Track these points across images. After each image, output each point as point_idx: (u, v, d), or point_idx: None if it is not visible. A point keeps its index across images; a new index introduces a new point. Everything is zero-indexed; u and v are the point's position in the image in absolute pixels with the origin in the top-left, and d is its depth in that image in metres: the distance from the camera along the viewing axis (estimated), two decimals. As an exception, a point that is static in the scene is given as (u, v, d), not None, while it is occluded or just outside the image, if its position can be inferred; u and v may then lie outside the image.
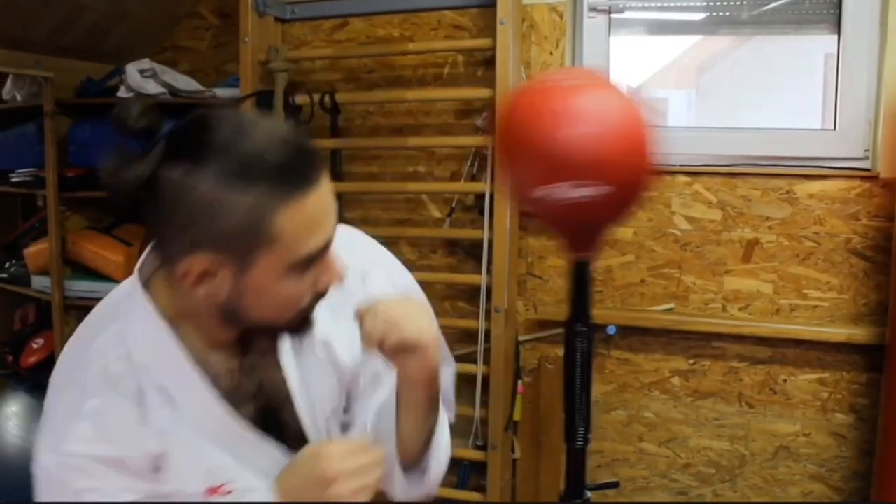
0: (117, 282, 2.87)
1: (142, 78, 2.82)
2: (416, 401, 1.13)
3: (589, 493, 1.36)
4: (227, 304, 0.98)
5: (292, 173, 0.92)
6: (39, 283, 3.08)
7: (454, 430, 2.50)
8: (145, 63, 2.86)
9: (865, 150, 2.49)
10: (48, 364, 3.04)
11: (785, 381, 2.57)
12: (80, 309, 3.02)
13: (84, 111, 2.98)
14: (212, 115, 0.95)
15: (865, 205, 2.45)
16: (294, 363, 1.13)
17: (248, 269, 0.94)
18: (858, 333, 2.43)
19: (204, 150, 0.90)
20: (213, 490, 1.05)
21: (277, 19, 2.87)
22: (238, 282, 0.95)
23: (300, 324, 1.05)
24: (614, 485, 1.53)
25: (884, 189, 2.41)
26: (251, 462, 1.09)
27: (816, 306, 2.52)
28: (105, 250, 2.94)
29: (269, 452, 1.10)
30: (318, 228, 0.96)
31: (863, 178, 2.45)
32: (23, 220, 3.47)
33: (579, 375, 1.41)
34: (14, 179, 3.20)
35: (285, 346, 1.12)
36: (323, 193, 0.96)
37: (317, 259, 0.98)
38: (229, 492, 1.06)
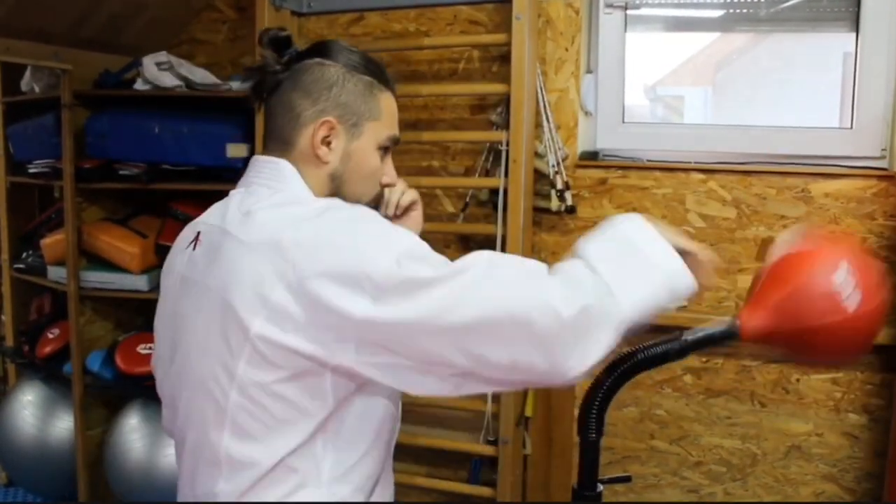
0: (132, 273, 2.90)
1: (158, 70, 2.83)
2: None
3: (601, 487, 1.35)
4: (334, 172, 1.24)
5: (387, 76, 1.29)
6: (55, 273, 3.10)
7: (467, 424, 2.50)
8: (162, 56, 2.88)
9: (882, 150, 2.48)
10: (63, 354, 3.07)
11: (798, 380, 2.56)
12: (95, 300, 3.05)
13: (101, 103, 3.00)
14: (338, 40, 1.30)
15: (882, 204, 2.43)
16: None
17: (357, 137, 1.25)
18: (873, 333, 2.41)
19: (332, 50, 1.26)
20: None
21: (294, 13, 2.87)
22: (348, 146, 1.24)
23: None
24: (626, 479, 1.53)
25: (900, 188, 2.39)
26: None
27: (831, 306, 2.50)
28: (121, 241, 2.96)
29: None
30: (396, 122, 1.31)
31: (879, 177, 2.44)
32: (39, 210, 3.50)
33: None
34: (31, 170, 3.23)
35: None
36: (396, 104, 1.31)
37: (389, 150, 1.31)
38: None
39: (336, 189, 1.24)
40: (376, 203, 1.34)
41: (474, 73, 2.79)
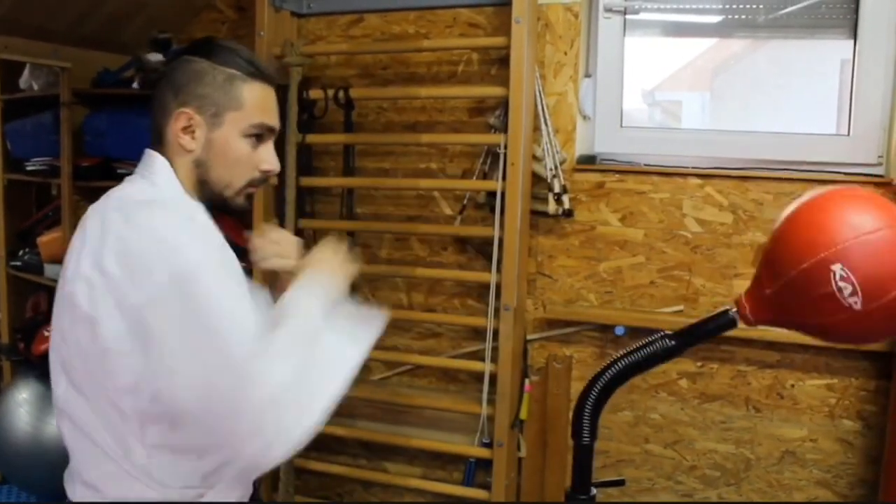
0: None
1: (158, 70, 2.83)
2: None
3: (594, 490, 1.36)
4: (199, 159, 1.32)
5: (256, 66, 1.35)
6: (52, 271, 3.10)
7: (462, 426, 2.50)
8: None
9: (879, 157, 2.49)
10: (59, 352, 3.06)
11: (793, 385, 2.56)
12: (92, 298, 3.04)
13: (100, 101, 3.00)
14: (214, 37, 1.41)
15: (878, 211, 2.44)
16: None
17: (218, 126, 1.32)
18: (868, 340, 2.42)
19: (202, 47, 1.35)
20: None
21: (293, 14, 2.88)
22: (209, 135, 1.32)
23: (246, 200, 1.38)
24: (620, 482, 1.53)
25: (897, 196, 2.40)
26: None
27: (826, 312, 2.51)
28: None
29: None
30: (270, 111, 1.37)
31: (876, 184, 2.45)
32: (37, 208, 3.49)
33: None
34: (29, 168, 3.23)
35: None
36: (273, 93, 1.39)
37: (263, 137, 1.36)
38: None
39: (203, 175, 1.34)
40: (257, 186, 1.39)
41: (473, 76, 2.80)
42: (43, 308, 3.41)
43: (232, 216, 1.52)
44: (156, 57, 1.38)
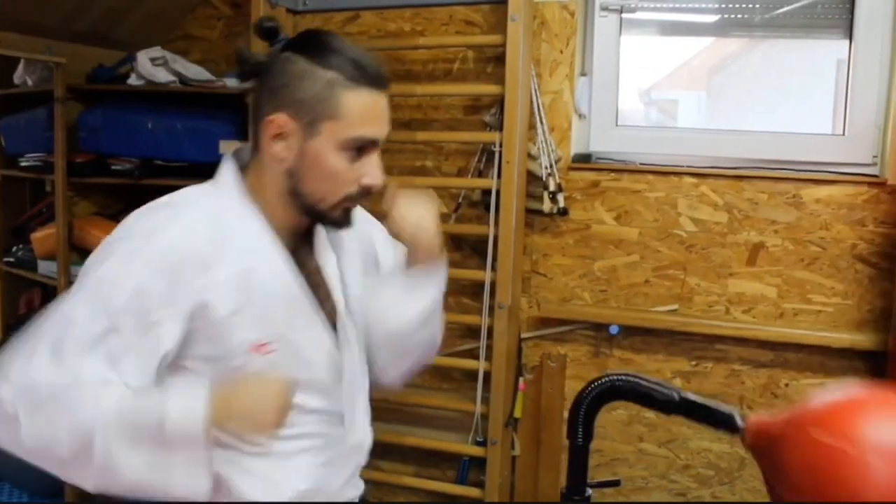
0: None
1: (153, 66, 2.83)
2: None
3: (590, 491, 1.36)
4: (291, 169, 1.21)
5: (362, 69, 1.19)
6: (45, 267, 3.09)
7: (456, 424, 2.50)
8: (157, 51, 2.87)
9: (874, 157, 2.49)
10: (53, 348, 3.05)
11: (787, 385, 2.57)
12: (86, 294, 3.03)
13: (95, 97, 2.99)
14: (320, 31, 1.27)
15: (872, 211, 2.44)
16: (332, 258, 1.36)
17: (313, 136, 1.19)
18: (862, 339, 2.43)
19: (307, 43, 1.22)
20: (258, 346, 1.20)
21: (289, 10, 2.87)
22: (303, 145, 1.20)
23: (343, 215, 1.26)
24: (615, 483, 1.53)
25: (891, 196, 2.40)
26: (302, 330, 1.26)
27: (820, 311, 2.52)
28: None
29: (315, 320, 1.28)
30: (374, 121, 1.22)
31: (870, 184, 2.45)
32: (31, 204, 3.49)
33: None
34: (23, 164, 3.22)
35: (324, 242, 1.35)
36: (383, 98, 1.23)
37: (366, 149, 1.22)
38: (270, 352, 1.21)
39: (295, 186, 1.23)
40: (355, 199, 1.26)
41: (469, 74, 2.80)
42: (36, 305, 3.40)
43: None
44: (260, 47, 1.27)
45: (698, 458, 2.68)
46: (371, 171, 1.23)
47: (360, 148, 1.21)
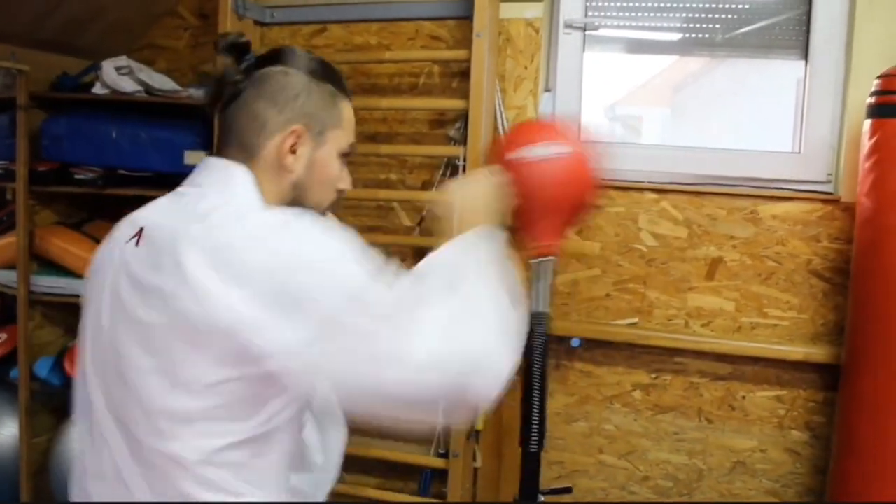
0: (85, 278, 2.87)
1: (118, 75, 2.81)
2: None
3: (542, 497, 1.38)
4: (299, 180, 1.25)
5: (345, 84, 1.31)
6: (5, 277, 3.05)
7: (418, 437, 2.50)
8: (122, 60, 2.86)
9: (828, 174, 2.55)
10: (11, 359, 3.02)
11: (744, 397, 2.61)
12: (46, 304, 3.00)
13: (59, 105, 2.96)
14: (296, 48, 1.31)
15: (826, 227, 2.50)
16: None
17: (322, 144, 1.26)
18: (816, 352, 2.48)
19: (294, 58, 1.27)
20: None
21: (256, 22, 2.88)
22: (313, 155, 1.26)
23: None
24: (567, 490, 1.56)
25: (844, 213, 2.46)
26: None
27: (776, 325, 2.57)
28: (73, 246, 2.92)
29: None
30: (354, 129, 1.33)
31: (825, 201, 2.51)
32: (-9, 212, 3.44)
33: (537, 389, 1.44)
34: (-16, 172, 3.18)
35: None
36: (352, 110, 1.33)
37: (348, 157, 1.32)
38: None
39: (298, 196, 1.26)
40: (332, 204, 1.35)
41: (434, 88, 2.82)
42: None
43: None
44: (227, 63, 1.28)
45: (657, 469, 2.72)
46: (346, 176, 1.34)
47: (346, 155, 1.32)
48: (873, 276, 2.17)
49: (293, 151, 1.24)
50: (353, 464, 2.88)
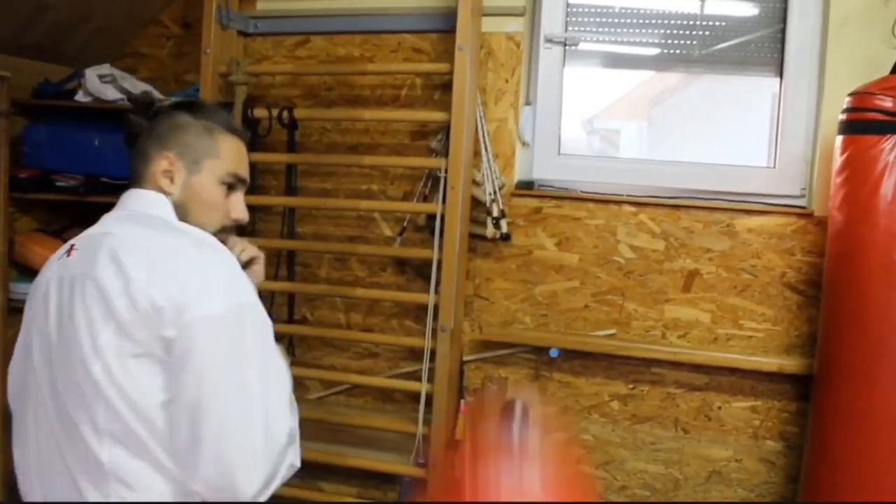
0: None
1: (101, 83, 2.82)
2: None
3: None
4: (178, 200, 1.41)
5: (232, 124, 1.50)
6: (-15, 283, 3.04)
7: (397, 446, 2.50)
8: (105, 68, 2.86)
9: (802, 189, 2.60)
10: (-11, 366, 2.99)
11: (719, 407, 2.65)
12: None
13: (41, 112, 2.96)
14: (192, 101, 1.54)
15: (800, 241, 2.55)
16: None
17: (197, 172, 1.43)
18: (789, 363, 2.52)
19: (184, 105, 1.47)
20: None
21: (240, 33, 2.90)
22: (189, 179, 1.42)
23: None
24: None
25: (817, 227, 2.51)
26: None
27: (751, 336, 2.61)
28: (53, 253, 2.91)
29: None
30: (242, 163, 1.49)
31: (798, 215, 2.56)
32: (-30, 219, 3.42)
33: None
34: (-36, 178, 3.16)
35: None
36: (244, 150, 1.51)
37: (236, 187, 1.47)
38: None
39: (182, 216, 1.41)
40: (227, 233, 1.50)
41: (416, 101, 2.85)
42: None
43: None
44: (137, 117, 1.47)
45: (634, 479, 2.75)
46: (239, 206, 1.49)
47: (231, 185, 1.46)
48: (844, 289, 2.21)
49: (168, 177, 1.41)
50: (332, 472, 2.89)
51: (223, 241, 1.46)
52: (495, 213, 2.66)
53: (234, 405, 1.21)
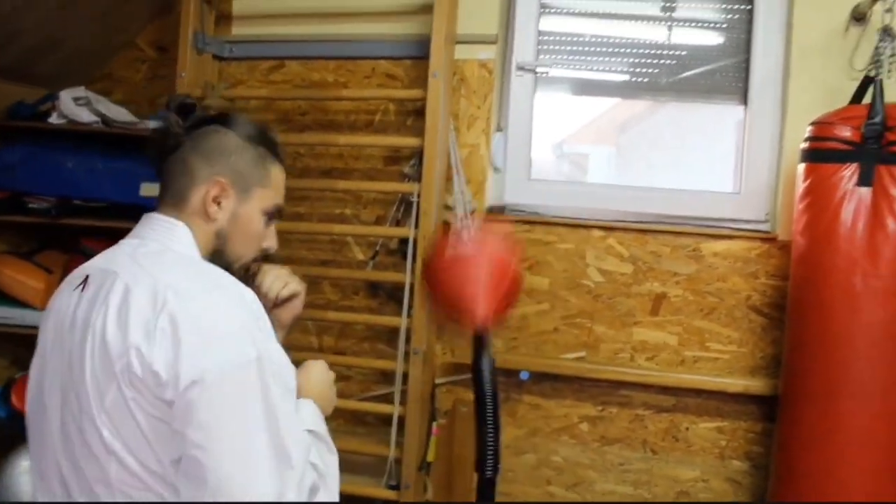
0: (36, 309, 2.84)
1: (76, 105, 2.82)
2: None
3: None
4: (222, 230, 1.33)
5: (279, 150, 1.42)
6: (-45, 307, 3.01)
7: (369, 468, 2.51)
8: (80, 91, 2.86)
9: (766, 214, 2.67)
10: (-41, 388, 2.96)
11: (687, 428, 2.69)
12: (-5, 334, 2.97)
13: (13, 134, 2.95)
14: (239, 113, 1.43)
15: (764, 265, 2.61)
16: None
17: (246, 200, 1.35)
18: (755, 385, 2.57)
19: (233, 121, 1.38)
20: None
21: (215, 57, 2.92)
22: (237, 208, 1.34)
23: (242, 272, 1.39)
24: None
25: (781, 251, 2.58)
26: None
27: (717, 358, 2.66)
28: (25, 276, 2.89)
29: None
30: (283, 193, 1.42)
31: (763, 239, 2.62)
32: (-61, 241, 3.39)
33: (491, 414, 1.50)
34: (-66, 200, 3.13)
35: None
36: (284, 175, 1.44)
37: (274, 217, 1.40)
38: None
39: (220, 246, 1.34)
40: (255, 260, 1.43)
41: (389, 126, 2.89)
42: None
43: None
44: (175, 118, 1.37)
45: (604, 500, 2.77)
46: (272, 236, 1.43)
47: (271, 215, 1.40)
48: (808, 311, 2.27)
49: (217, 202, 1.33)
50: (304, 495, 2.88)
51: (256, 271, 1.45)
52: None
53: (238, 470, 1.12)
